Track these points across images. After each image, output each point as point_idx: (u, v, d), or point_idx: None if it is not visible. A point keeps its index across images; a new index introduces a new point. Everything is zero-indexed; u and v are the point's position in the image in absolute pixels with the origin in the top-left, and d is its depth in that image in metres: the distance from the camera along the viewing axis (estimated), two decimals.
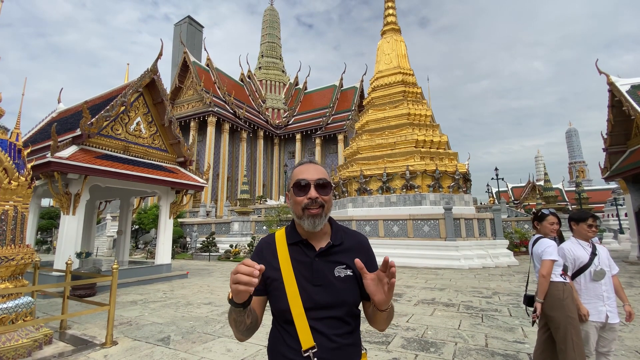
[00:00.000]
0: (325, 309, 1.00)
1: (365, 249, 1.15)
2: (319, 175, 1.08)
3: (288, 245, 1.10)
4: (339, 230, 1.15)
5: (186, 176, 10.49)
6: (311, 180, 1.06)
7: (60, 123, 9.84)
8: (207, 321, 5.07)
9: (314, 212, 1.04)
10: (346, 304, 1.02)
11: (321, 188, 1.07)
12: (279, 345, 1.04)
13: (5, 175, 3.81)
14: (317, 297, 1.01)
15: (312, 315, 0.99)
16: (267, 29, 43.89)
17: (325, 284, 1.02)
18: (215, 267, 13.11)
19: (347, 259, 1.07)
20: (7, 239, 3.93)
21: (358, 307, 1.08)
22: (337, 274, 1.04)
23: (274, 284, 1.06)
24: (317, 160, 1.17)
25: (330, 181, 1.11)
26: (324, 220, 1.07)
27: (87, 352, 3.85)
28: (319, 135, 34.56)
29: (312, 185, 1.06)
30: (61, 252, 7.61)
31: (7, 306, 3.81)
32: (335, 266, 1.06)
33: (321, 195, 1.06)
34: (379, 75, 19.34)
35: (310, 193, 1.05)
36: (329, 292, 1.01)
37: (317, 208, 1.04)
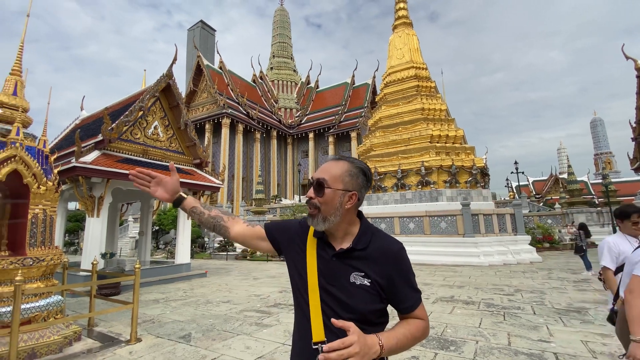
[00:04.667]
0: (337, 310, 0.99)
1: (392, 259, 1.03)
2: (319, 175, 1.04)
3: (314, 235, 1.11)
4: (366, 233, 1.07)
5: (202, 177, 10.71)
6: (313, 179, 1.05)
7: (84, 129, 10.23)
8: (226, 319, 5.17)
9: (309, 212, 1.04)
10: (357, 311, 0.98)
11: (317, 188, 1.03)
12: (295, 335, 1.10)
13: (34, 180, 4.00)
14: (331, 296, 1.01)
15: (326, 311, 0.99)
16: (277, 30, 44.10)
17: (338, 286, 1.00)
18: (233, 266, 13.34)
19: (367, 267, 1.01)
20: (37, 241, 4.13)
21: (377, 317, 1.01)
22: (353, 279, 1.00)
23: (298, 267, 1.09)
24: (348, 157, 1.11)
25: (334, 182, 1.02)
26: (321, 222, 1.02)
27: (113, 348, 4.01)
28: (331, 134, 34.50)
29: (312, 184, 1.04)
30: (87, 252, 7.93)
31: (39, 304, 4.01)
32: (352, 271, 1.01)
33: (316, 195, 1.03)
34: (391, 70, 19.10)
35: (308, 192, 1.05)
36: (341, 295, 0.99)
37: (312, 208, 1.03)
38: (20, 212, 4.26)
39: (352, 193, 1.03)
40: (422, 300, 1.08)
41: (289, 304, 6.07)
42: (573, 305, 5.48)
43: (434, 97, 17.75)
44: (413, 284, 1.06)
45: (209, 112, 31.42)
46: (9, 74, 4.63)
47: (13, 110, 4.40)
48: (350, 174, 1.04)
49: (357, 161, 1.09)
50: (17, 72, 4.67)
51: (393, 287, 1.02)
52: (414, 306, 1.05)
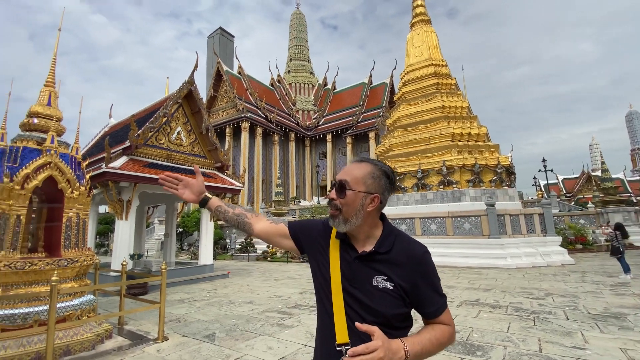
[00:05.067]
0: (361, 312, 0.99)
1: (417, 263, 1.01)
2: (342, 176, 1.04)
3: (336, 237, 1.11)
4: (389, 235, 1.06)
5: (224, 180, 10.95)
6: (335, 181, 1.05)
7: (112, 136, 10.73)
8: (248, 319, 5.25)
9: (330, 213, 1.05)
10: (381, 315, 0.97)
11: (339, 190, 1.03)
12: (319, 338, 1.09)
13: (68, 185, 4.24)
14: (354, 299, 1.00)
15: (350, 313, 0.99)
16: (294, 33, 44.51)
17: (361, 288, 1.00)
18: (254, 267, 13.54)
19: (390, 271, 1.00)
20: (71, 243, 4.36)
21: (401, 321, 1.00)
22: (376, 283, 0.99)
23: (321, 268, 1.09)
24: (371, 159, 1.11)
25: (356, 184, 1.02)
26: (342, 223, 1.03)
27: (142, 346, 4.16)
28: (349, 135, 34.36)
29: (334, 185, 1.05)
30: (117, 254, 8.30)
31: (73, 303, 4.22)
32: (375, 274, 1.00)
33: (338, 197, 1.03)
34: (409, 69, 18.80)
35: (329, 193, 1.06)
36: (364, 298, 0.99)
37: (333, 209, 1.04)
38: (55, 216, 4.51)
39: (374, 195, 1.03)
40: (447, 305, 1.06)
41: (310, 305, 6.08)
42: (610, 311, 5.16)
43: (454, 95, 17.31)
44: (438, 288, 1.04)
45: (229, 117, 32.12)
46: (43, 86, 4.92)
47: (48, 120, 4.68)
48: (372, 176, 1.03)
49: (381, 163, 1.08)
50: (50, 83, 4.96)
51: (417, 292, 1.01)
52: (439, 311, 1.03)
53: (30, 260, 3.96)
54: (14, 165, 4.07)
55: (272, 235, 1.27)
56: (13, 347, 3.60)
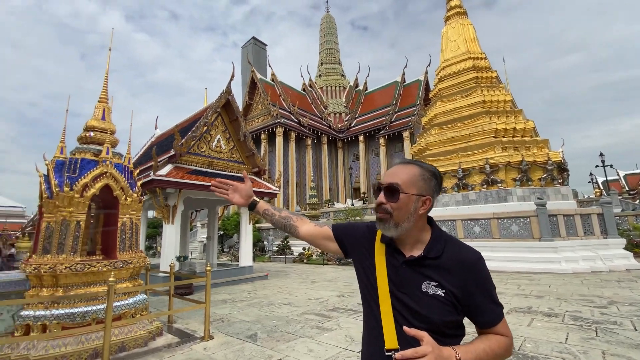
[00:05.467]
0: (410, 318, 0.96)
1: (469, 269, 0.97)
2: (392, 180, 1.01)
3: (382, 241, 1.09)
4: (439, 240, 1.02)
5: (261, 185, 11.27)
6: (383, 184, 1.02)
7: (158, 146, 11.51)
8: (288, 321, 5.32)
9: (378, 217, 1.03)
10: (431, 321, 0.94)
11: (389, 193, 1.00)
12: (366, 341, 1.08)
13: (122, 193, 4.60)
14: (402, 304, 0.98)
15: (398, 319, 0.97)
16: (324, 37, 44.84)
17: (409, 294, 0.98)
18: (291, 269, 13.74)
19: (440, 277, 0.96)
20: (125, 246, 4.72)
21: (452, 329, 0.97)
22: (425, 289, 0.96)
23: (367, 272, 1.08)
24: (416, 160, 1.09)
25: (408, 186, 0.99)
26: (392, 228, 1.00)
27: (189, 344, 4.37)
28: (382, 135, 33.77)
29: (382, 189, 1.02)
30: (164, 255, 8.85)
31: (128, 302, 4.55)
32: (425, 280, 0.97)
33: (389, 201, 0.99)
34: (445, 64, 18.10)
35: (378, 197, 1.03)
36: (413, 304, 0.96)
37: (383, 213, 1.01)
38: (111, 221, 4.91)
39: (426, 198, 1.01)
40: (504, 315, 1.00)
41: (348, 309, 6.03)
42: None
43: (495, 88, 16.35)
44: (494, 296, 0.99)
45: (263, 123, 33.07)
46: (97, 102, 5.39)
47: (103, 133, 5.12)
48: (423, 178, 1.01)
49: (427, 164, 1.05)
50: (104, 99, 5.43)
51: (471, 300, 0.96)
52: (494, 321, 0.98)
53: (89, 263, 4.33)
54: (74, 175, 4.50)
55: (316, 238, 1.28)
56: (72, 344, 3.91)
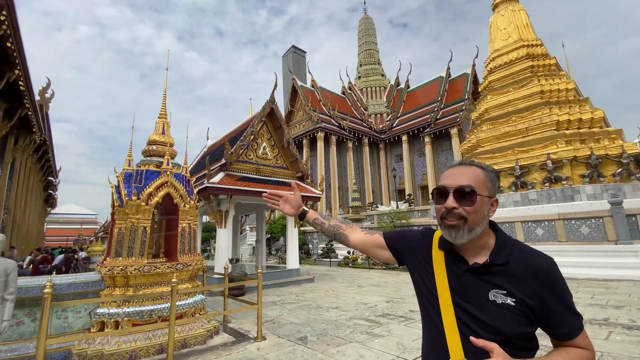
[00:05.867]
0: (476, 329, 0.89)
1: (542, 276, 0.89)
2: (463, 182, 0.93)
3: (439, 247, 1.04)
4: (505, 245, 0.95)
5: (305, 189, 11.47)
6: (451, 187, 0.94)
7: (210, 155, 12.31)
8: (337, 325, 5.31)
9: (449, 224, 0.94)
10: (500, 332, 0.86)
11: (462, 197, 0.92)
12: (428, 353, 1.02)
13: (181, 200, 4.98)
14: (467, 314, 0.92)
15: (463, 329, 0.91)
16: (363, 38, 44.53)
17: (475, 303, 0.91)
18: (336, 272, 13.73)
19: (509, 285, 0.89)
20: (185, 249, 5.10)
21: (525, 341, 0.88)
22: (493, 297, 0.89)
23: (425, 281, 1.03)
24: (473, 161, 1.03)
25: (480, 188, 0.93)
26: (466, 234, 0.92)
27: (244, 344, 4.57)
28: (427, 133, 32.44)
29: (451, 192, 0.94)
30: (218, 258, 9.39)
31: (188, 302, 4.90)
32: (492, 288, 0.90)
33: (462, 205, 0.92)
34: (495, 54, 16.93)
35: (447, 202, 0.94)
36: (480, 313, 0.90)
37: (456, 219, 0.93)
38: (172, 226, 5.34)
39: (494, 199, 0.97)
40: (583, 327, 0.90)
41: (398, 315, 5.86)
42: None
43: (555, 76, 14.88)
44: (571, 305, 0.90)
45: (305, 129, 33.70)
46: (158, 118, 5.92)
47: (163, 146, 5.60)
48: (490, 179, 0.96)
49: (486, 165, 1.01)
50: (163, 115, 5.94)
51: (546, 310, 0.88)
52: (574, 332, 0.89)
53: (155, 265, 4.74)
54: (140, 185, 4.97)
55: (368, 246, 1.26)
56: (141, 339, 4.30)
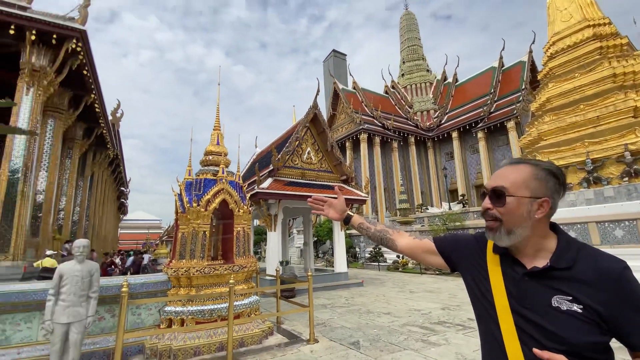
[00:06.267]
0: (539, 338, 0.82)
1: (614, 281, 0.81)
2: (497, 182, 0.91)
3: (494, 251, 0.99)
4: (569, 248, 0.89)
5: (350, 192, 11.42)
6: (488, 188, 0.94)
7: (259, 162, 12.86)
8: (389, 331, 5.17)
9: (486, 225, 0.94)
10: (567, 342, 0.79)
11: (495, 198, 0.91)
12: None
13: (236, 206, 5.27)
14: (528, 322, 0.85)
15: (524, 339, 0.85)
16: (405, 35, 43.35)
17: (536, 310, 0.85)
18: (386, 277, 13.41)
19: (575, 291, 0.82)
20: (240, 252, 5.36)
21: (596, 352, 0.80)
22: (556, 304, 0.83)
23: (480, 287, 0.99)
24: (530, 159, 0.97)
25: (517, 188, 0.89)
26: (504, 236, 0.90)
27: (297, 345, 4.66)
28: (480, 129, 30.36)
29: (488, 193, 0.93)
30: (269, 260, 9.73)
31: (244, 303, 5.13)
32: (555, 294, 0.84)
33: (495, 206, 0.91)
34: (555, 38, 15.33)
35: (483, 203, 0.95)
36: (542, 321, 0.83)
37: (492, 220, 0.92)
38: (228, 230, 5.66)
39: (542, 200, 0.89)
40: None
41: (456, 324, 5.53)
42: None
43: (629, 57, 13.01)
44: None
45: (347, 131, 33.64)
46: (212, 130, 6.32)
47: (218, 156, 5.98)
48: (536, 177, 0.90)
49: (544, 162, 0.93)
50: (217, 127, 6.34)
51: (620, 317, 0.80)
52: None
53: (214, 266, 5.05)
54: (199, 192, 5.35)
55: (417, 252, 1.23)
56: (204, 337, 4.59)
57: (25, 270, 7.65)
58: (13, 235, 7.98)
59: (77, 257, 3.57)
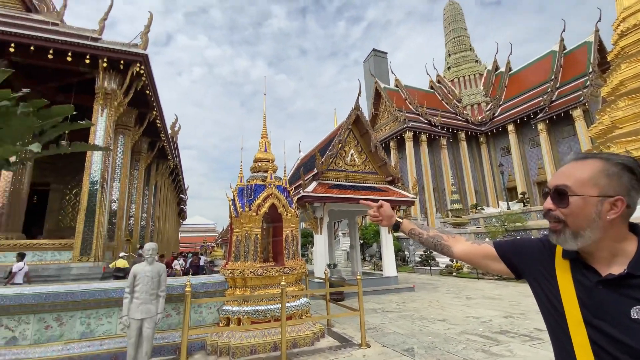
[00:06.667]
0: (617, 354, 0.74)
1: None
2: (558, 180, 0.84)
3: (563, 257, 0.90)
4: None
5: (396, 193, 11.11)
6: (550, 187, 0.86)
7: (304, 166, 13.12)
8: (445, 339, 4.91)
9: (550, 227, 0.86)
10: None
11: (558, 198, 0.83)
12: None
13: (284, 210, 5.43)
14: (603, 335, 0.76)
15: (600, 354, 0.76)
16: (449, 26, 41.29)
17: (613, 322, 0.76)
18: (439, 282, 12.77)
19: None
20: (290, 254, 5.50)
21: None
22: (637, 316, 0.73)
23: (549, 296, 0.90)
24: (599, 153, 0.86)
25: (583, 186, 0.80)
26: (570, 239, 0.81)
27: (349, 349, 4.62)
28: (540, 119, 27.64)
29: (550, 193, 0.86)
30: (317, 263, 9.83)
31: (295, 304, 5.23)
32: (635, 305, 0.74)
33: (558, 206, 0.83)
34: (625, 14, 13.47)
35: (545, 203, 0.88)
36: (620, 335, 0.74)
37: (554, 222, 0.84)
38: (277, 233, 5.84)
39: (615, 199, 0.78)
40: None
41: (521, 334, 5.07)
42: None
43: None
44: None
45: (391, 131, 32.85)
46: (260, 138, 6.59)
47: (266, 162, 6.21)
48: (607, 173, 0.80)
49: (616, 156, 0.82)
50: (264, 135, 6.60)
51: None
52: None
53: (266, 268, 5.24)
54: (250, 198, 5.60)
55: (475, 258, 1.14)
56: (259, 336, 4.76)
57: (104, 270, 8.67)
58: (94, 239, 9.08)
59: (147, 259, 3.95)
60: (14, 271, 6.59)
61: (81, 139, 10.73)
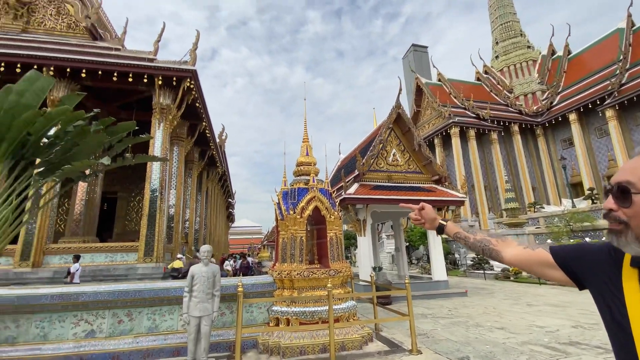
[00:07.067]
0: None
1: None
2: (621, 177, 0.72)
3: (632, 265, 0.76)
4: None
5: (444, 193, 10.60)
6: (611, 183, 0.75)
7: (345, 168, 13.09)
8: (505, 349, 4.55)
9: (609, 228, 0.75)
10: None
11: (620, 196, 0.71)
12: None
13: (327, 212, 5.46)
14: None
15: None
16: (496, 12, 38.58)
17: None
18: (494, 287, 11.90)
19: None
20: (334, 257, 5.51)
21: None
22: None
23: (612, 310, 0.77)
24: None
25: None
26: (634, 244, 0.70)
27: (399, 355, 4.49)
28: (609, 106, 24.57)
29: (611, 190, 0.75)
30: (362, 266, 9.72)
31: (342, 307, 5.22)
32: None
33: (619, 206, 0.72)
34: None
35: (605, 202, 0.77)
36: None
37: (615, 223, 0.73)
38: (321, 235, 5.88)
39: None
40: None
41: (594, 346, 4.53)
42: None
43: None
44: None
45: (435, 127, 31.48)
46: (302, 142, 6.71)
47: (308, 166, 6.31)
48: None
49: None
50: (306, 140, 6.71)
51: None
52: None
53: (312, 270, 5.29)
54: (294, 201, 5.71)
55: (529, 264, 1.02)
56: (307, 337, 4.81)
57: (164, 270, 9.43)
58: (155, 242, 9.92)
59: (203, 260, 4.22)
60: (72, 272, 7.19)
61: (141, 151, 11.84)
